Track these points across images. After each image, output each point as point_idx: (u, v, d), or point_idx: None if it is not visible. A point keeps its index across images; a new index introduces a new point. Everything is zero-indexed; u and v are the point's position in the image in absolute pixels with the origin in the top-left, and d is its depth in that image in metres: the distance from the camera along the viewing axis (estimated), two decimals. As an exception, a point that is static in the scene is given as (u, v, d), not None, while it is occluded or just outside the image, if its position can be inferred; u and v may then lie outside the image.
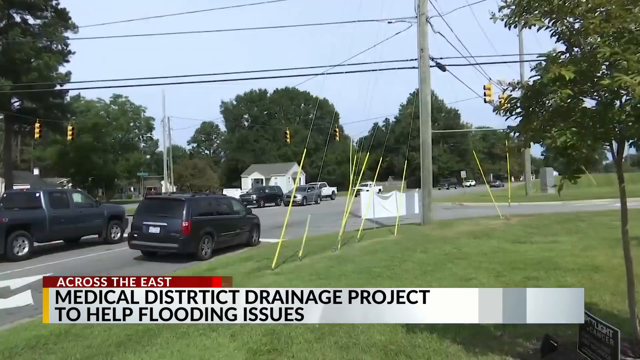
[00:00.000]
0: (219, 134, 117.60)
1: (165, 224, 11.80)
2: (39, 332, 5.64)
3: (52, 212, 14.01)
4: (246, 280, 8.22)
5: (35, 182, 73.26)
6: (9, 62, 39.38)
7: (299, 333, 4.94)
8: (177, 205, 12.21)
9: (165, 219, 11.86)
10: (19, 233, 12.77)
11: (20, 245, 12.79)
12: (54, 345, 5.09)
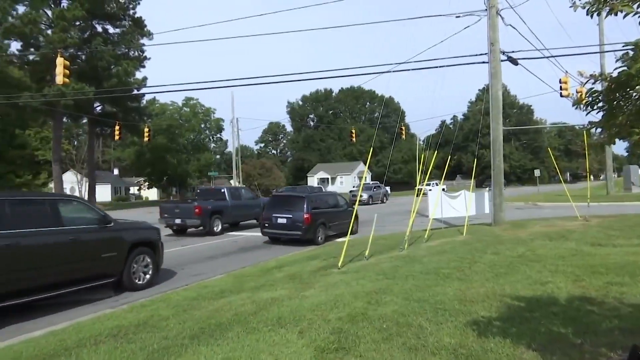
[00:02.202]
0: (286, 133, 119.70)
1: (290, 216, 14.62)
2: (120, 322, 6.00)
3: (232, 202, 19.67)
4: (312, 278, 8.29)
5: (115, 182, 78.14)
6: (92, 70, 42.22)
7: (366, 332, 4.92)
8: (299, 201, 15.04)
9: (291, 212, 14.65)
10: (216, 216, 18.45)
11: (216, 224, 18.46)
12: (133, 335, 5.38)
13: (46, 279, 7.12)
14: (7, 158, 61.12)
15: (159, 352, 4.73)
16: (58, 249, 7.36)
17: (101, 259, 8.11)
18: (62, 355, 4.83)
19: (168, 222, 18.45)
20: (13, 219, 6.82)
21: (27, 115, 47.37)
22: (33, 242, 6.98)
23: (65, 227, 7.57)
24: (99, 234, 8.16)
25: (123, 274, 8.52)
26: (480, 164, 54.93)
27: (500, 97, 15.65)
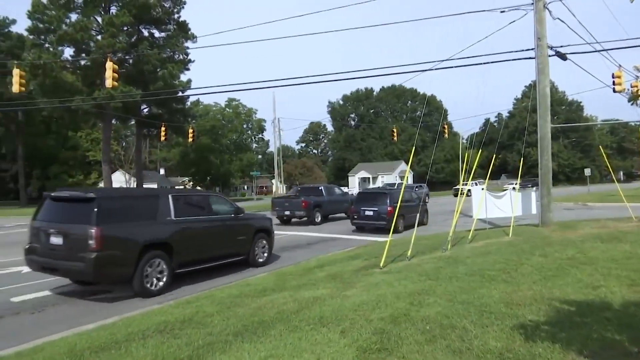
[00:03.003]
0: (327, 133, 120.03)
1: (376, 209, 17.57)
2: (166, 318, 6.17)
3: (327, 198, 23.61)
4: (354, 278, 8.27)
5: (161, 181, 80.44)
6: (139, 73, 43.62)
7: (409, 334, 4.86)
8: (383, 197, 18.02)
9: (376, 206, 17.55)
10: (317, 209, 22.33)
11: (317, 216, 22.33)
12: (179, 331, 5.53)
13: (206, 254, 9.63)
14: (61, 159, 64.06)
15: (204, 347, 4.83)
16: (212, 232, 9.85)
17: (237, 240, 10.56)
18: (112, 348, 5.01)
19: (279, 213, 22.51)
20: (184, 209, 9.25)
21: (79, 117, 49.51)
22: (197, 226, 9.44)
23: (215, 215, 10.13)
24: (236, 221, 10.61)
25: (249, 254, 10.90)
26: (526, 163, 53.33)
27: (548, 94, 15.13)
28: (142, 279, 8.14)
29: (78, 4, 44.06)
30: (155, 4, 44.63)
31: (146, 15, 44.80)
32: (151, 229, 8.44)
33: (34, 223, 8.53)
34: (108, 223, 7.68)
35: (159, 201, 8.91)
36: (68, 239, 7.75)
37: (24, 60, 39.51)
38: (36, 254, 8.28)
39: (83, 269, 7.51)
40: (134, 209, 8.41)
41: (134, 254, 8.00)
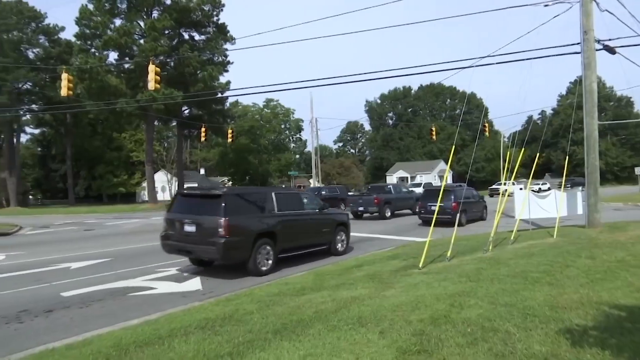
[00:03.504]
0: (364, 132, 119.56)
1: (442, 204, 17.48)
2: (207, 315, 6.29)
3: (396, 195, 26.23)
4: (393, 278, 8.20)
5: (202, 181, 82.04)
6: (180, 75, 44.66)
7: (449, 336, 4.78)
8: (448, 193, 19.42)
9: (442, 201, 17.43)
10: (387, 205, 24.95)
11: (387, 211, 24.81)
12: (220, 328, 5.62)
13: (300, 242, 11.46)
14: (106, 159, 66.32)
15: (244, 345, 4.90)
16: (304, 224, 11.68)
17: (322, 232, 12.25)
18: (156, 343, 5.15)
19: (353, 209, 25.18)
20: (284, 204, 11.04)
21: (123, 119, 51.16)
22: (293, 219, 11.24)
23: (305, 210, 11.90)
24: (321, 215, 12.34)
25: (331, 244, 12.54)
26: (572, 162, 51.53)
27: (595, 90, 14.56)
28: (255, 261, 9.94)
29: (122, 10, 45.53)
30: (195, 8, 45.58)
31: (186, 19, 45.82)
32: (262, 220, 10.31)
33: (169, 215, 10.48)
34: (232, 215, 9.50)
35: (266, 198, 10.79)
36: (201, 228, 9.63)
37: (72, 65, 41.14)
38: (171, 239, 10.23)
39: (214, 251, 9.37)
40: (250, 204, 10.36)
41: (250, 240, 9.84)
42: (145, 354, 4.84)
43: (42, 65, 52.33)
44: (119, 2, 44.83)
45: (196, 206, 10.24)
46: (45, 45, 57.84)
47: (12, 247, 16.29)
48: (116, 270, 10.79)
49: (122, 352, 4.89)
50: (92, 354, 4.85)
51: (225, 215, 9.32)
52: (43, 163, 74.02)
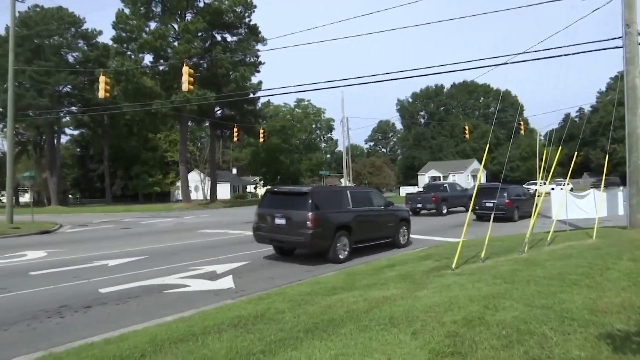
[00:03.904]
0: (395, 132, 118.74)
1: (496, 201, 20.25)
2: (240, 313, 6.35)
3: (451, 193, 27.91)
4: (425, 279, 8.10)
5: (234, 180, 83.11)
6: (213, 76, 45.32)
7: (483, 338, 4.69)
8: (502, 191, 21.54)
9: (496, 198, 20.60)
10: (444, 202, 26.83)
11: (443, 208, 26.68)
12: (252, 326, 5.67)
13: (369, 235, 12.82)
14: (142, 159, 67.94)
15: (276, 343, 4.93)
16: (373, 218, 13.01)
17: (388, 226, 13.54)
18: (190, 340, 5.23)
19: (412, 206, 26.48)
20: (357, 201, 12.49)
21: (158, 120, 52.34)
22: (365, 214, 12.62)
23: (374, 207, 13.23)
24: (387, 211, 13.63)
25: (395, 237, 13.84)
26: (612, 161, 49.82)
27: (637, 85, 14.02)
28: (335, 250, 11.43)
29: (157, 13, 46.54)
30: (227, 10, 46.18)
31: (219, 21, 46.46)
32: (340, 214, 11.73)
33: (260, 210, 12.14)
34: (317, 210, 11.05)
35: (343, 195, 12.34)
36: (290, 221, 11.20)
37: (109, 67, 42.31)
38: (262, 230, 11.92)
39: (302, 241, 11.04)
40: (330, 201, 11.81)
41: (331, 232, 11.32)
42: (179, 350, 4.93)
43: (81, 68, 54.06)
44: (154, 5, 45.87)
45: (285, 202, 11.75)
46: (84, 49, 59.74)
47: (53, 244, 16.87)
48: (151, 268, 11.03)
49: (157, 348, 4.99)
50: (128, 349, 4.97)
51: (312, 210, 10.93)
52: (82, 163, 76.45)
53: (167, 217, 32.31)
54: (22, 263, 12.59)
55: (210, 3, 46.03)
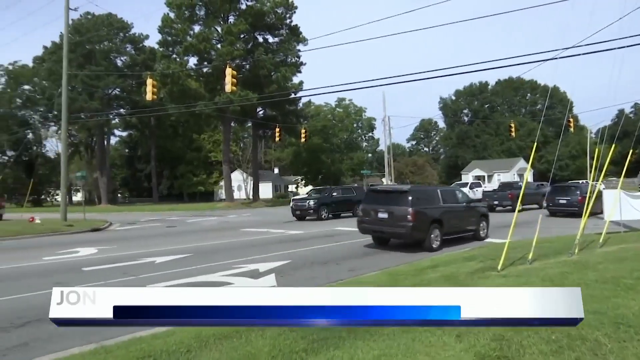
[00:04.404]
0: (438, 130, 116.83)
1: (569, 198, 22.67)
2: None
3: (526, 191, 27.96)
4: (469, 280, 7.94)
5: (276, 180, 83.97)
6: (255, 77, 45.92)
7: (531, 342, 4.53)
8: (575, 188, 23.65)
9: (569, 195, 22.89)
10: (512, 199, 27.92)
11: (504, 207, 28.71)
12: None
13: (456, 228, 14.31)
14: (187, 159, 69.65)
15: (318, 342, 4.94)
16: (458, 214, 14.55)
17: (470, 220, 14.97)
18: (234, 337, 5.32)
19: (489, 203, 27.30)
20: (445, 198, 14.28)
21: (202, 121, 53.44)
22: (452, 209, 14.25)
23: (459, 203, 14.85)
24: (470, 207, 15.18)
25: (476, 231, 15.11)
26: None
27: (698, 79, 13.24)
28: (430, 240, 13.05)
29: (200, 17, 47.57)
30: (269, 11, 46.68)
31: (260, 22, 47.03)
32: (433, 210, 13.40)
33: (364, 205, 14.39)
34: (416, 206, 12.88)
35: (435, 193, 14.28)
36: (392, 215, 13.04)
37: (156, 70, 43.57)
38: (367, 223, 13.86)
39: (404, 232, 12.89)
40: (425, 198, 13.68)
41: (427, 224, 13.02)
42: (224, 346, 5.02)
43: (128, 72, 55.95)
44: (198, 9, 46.90)
45: (387, 199, 13.78)
46: (132, 53, 61.81)
47: (104, 241, 17.55)
48: (196, 266, 11.29)
49: (202, 344, 5.10)
50: (175, 344, 5.10)
51: (412, 206, 12.75)
52: (130, 163, 79.17)
53: (211, 216, 33.00)
54: (75, 259, 13.16)
55: (252, 5, 46.68)
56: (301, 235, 18.08)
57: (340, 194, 28.36)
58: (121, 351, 5.00)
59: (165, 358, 4.76)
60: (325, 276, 9.83)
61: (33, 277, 10.32)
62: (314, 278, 9.70)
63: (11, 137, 58.13)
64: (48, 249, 15.24)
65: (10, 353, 5.30)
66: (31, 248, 16.22)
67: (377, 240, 14.52)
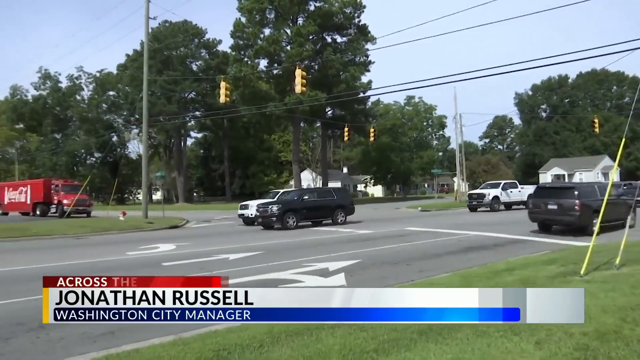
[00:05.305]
0: (513, 127, 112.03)
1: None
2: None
3: None
4: (549, 285, 7.52)
5: (344, 179, 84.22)
6: (323, 78, 46.30)
7: (621, 355, 4.23)
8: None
9: None
10: None
11: None
12: (365, 324, 5.65)
13: (611, 217, 14.93)
14: (258, 160, 71.57)
15: (389, 342, 4.88)
16: (612, 206, 14.74)
17: (622, 211, 15.78)
18: (305, 334, 5.37)
19: None
20: (600, 192, 15.90)
21: (272, 122, 54.72)
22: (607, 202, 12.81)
23: (611, 196, 14.76)
24: (620, 200, 17.98)
25: (625, 220, 14.26)
26: None
27: None
28: (592, 226, 14.24)
29: (270, 20, 48.69)
30: (337, 11, 46.91)
31: (329, 23, 47.36)
32: (593, 202, 15.54)
33: (534, 200, 17.57)
34: (581, 198, 15.74)
35: (593, 189, 16.87)
36: (561, 206, 16.04)
37: (228, 74, 45.11)
38: (537, 213, 17.10)
39: (572, 220, 15.99)
40: (587, 192, 16.35)
41: (590, 214, 15.52)
42: (295, 343, 5.09)
43: (203, 76, 58.38)
44: (268, 12, 48.02)
45: (555, 193, 16.91)
46: (206, 58, 64.44)
47: (181, 238, 18.42)
48: (267, 263, 11.55)
49: (274, 339, 5.20)
50: (248, 339, 5.24)
51: (578, 199, 15.73)
52: (205, 164, 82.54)
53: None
54: (155, 255, 13.92)
55: (320, 6, 47.10)
56: (371, 235, 18.02)
57: (314, 197, 23.75)
58: (197, 343, 5.21)
59: (239, 352, 4.90)
60: (395, 277, 9.71)
61: (119, 271, 11.01)
62: (384, 278, 9.61)
63: (98, 140, 62.55)
64: (131, 245, 16.24)
65: (99, 340, 5.69)
66: (116, 244, 17.36)
67: (541, 225, 17.42)
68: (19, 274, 10.91)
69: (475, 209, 31.97)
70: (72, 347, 5.46)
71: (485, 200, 31.51)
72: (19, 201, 38.00)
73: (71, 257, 13.77)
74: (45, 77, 68.28)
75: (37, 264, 12.28)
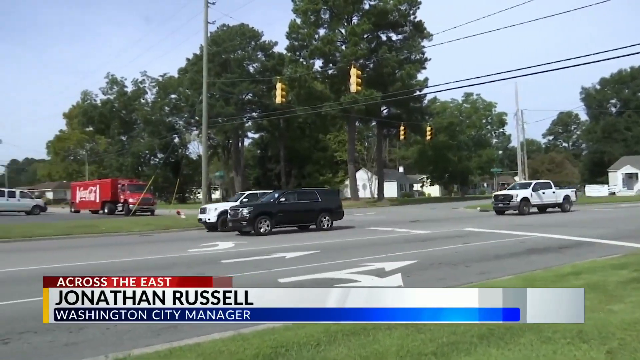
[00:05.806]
0: (579, 124, 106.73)
1: None
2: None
3: None
4: (621, 290, 7.09)
5: (400, 179, 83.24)
6: (378, 76, 45.96)
7: None
8: None
9: None
10: None
11: None
12: (423, 326, 5.51)
13: None
14: (313, 159, 72.07)
15: (448, 346, 4.77)
16: None
17: None
18: (362, 334, 5.35)
19: None
20: None
21: (327, 121, 54.96)
22: None
23: None
24: None
25: None
26: None
27: None
28: None
29: (325, 20, 48.90)
30: (392, 9, 46.43)
31: (384, 21, 46.96)
32: None
33: None
34: None
35: None
36: None
37: (284, 75, 45.74)
38: None
39: None
40: None
41: None
42: (352, 342, 5.08)
43: (260, 77, 59.47)
44: (323, 13, 48.24)
45: None
46: (262, 60, 65.61)
47: (239, 236, 18.85)
48: (323, 262, 11.60)
49: (330, 338, 5.22)
50: (305, 337, 5.28)
51: None
52: (262, 164, 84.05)
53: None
54: (214, 252, 14.34)
55: (375, 4, 46.80)
56: (428, 235, 17.72)
57: (294, 200, 21.50)
58: (256, 339, 5.31)
59: (296, 349, 4.95)
60: (455, 278, 9.49)
61: (182, 267, 11.44)
62: (442, 279, 9.42)
63: (161, 141, 65.26)
64: (192, 242, 16.82)
65: (163, 333, 5.94)
66: (178, 241, 18.05)
67: None
68: (103, 267, 11.58)
69: (503, 211, 28.71)
70: (137, 339, 5.72)
71: (513, 202, 28.11)
72: (89, 200, 40.43)
73: (138, 253, 14.50)
74: (112, 82, 72.33)
75: (110, 260, 13.00)
